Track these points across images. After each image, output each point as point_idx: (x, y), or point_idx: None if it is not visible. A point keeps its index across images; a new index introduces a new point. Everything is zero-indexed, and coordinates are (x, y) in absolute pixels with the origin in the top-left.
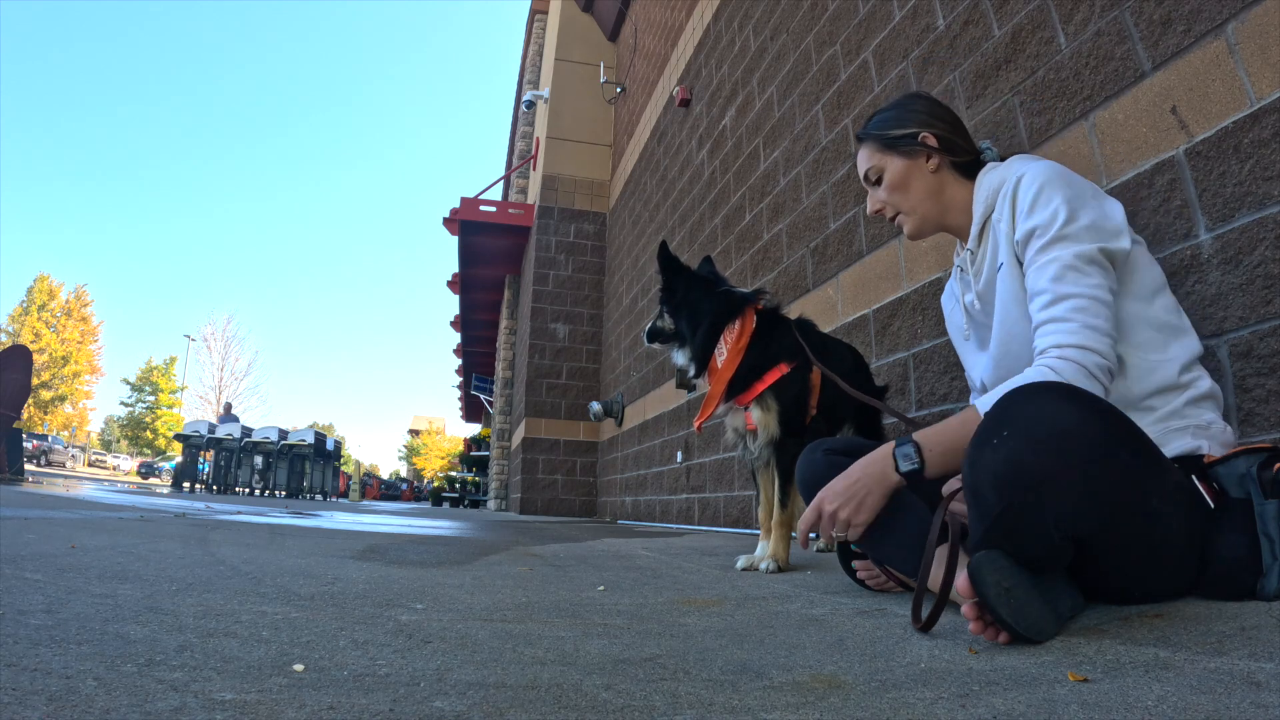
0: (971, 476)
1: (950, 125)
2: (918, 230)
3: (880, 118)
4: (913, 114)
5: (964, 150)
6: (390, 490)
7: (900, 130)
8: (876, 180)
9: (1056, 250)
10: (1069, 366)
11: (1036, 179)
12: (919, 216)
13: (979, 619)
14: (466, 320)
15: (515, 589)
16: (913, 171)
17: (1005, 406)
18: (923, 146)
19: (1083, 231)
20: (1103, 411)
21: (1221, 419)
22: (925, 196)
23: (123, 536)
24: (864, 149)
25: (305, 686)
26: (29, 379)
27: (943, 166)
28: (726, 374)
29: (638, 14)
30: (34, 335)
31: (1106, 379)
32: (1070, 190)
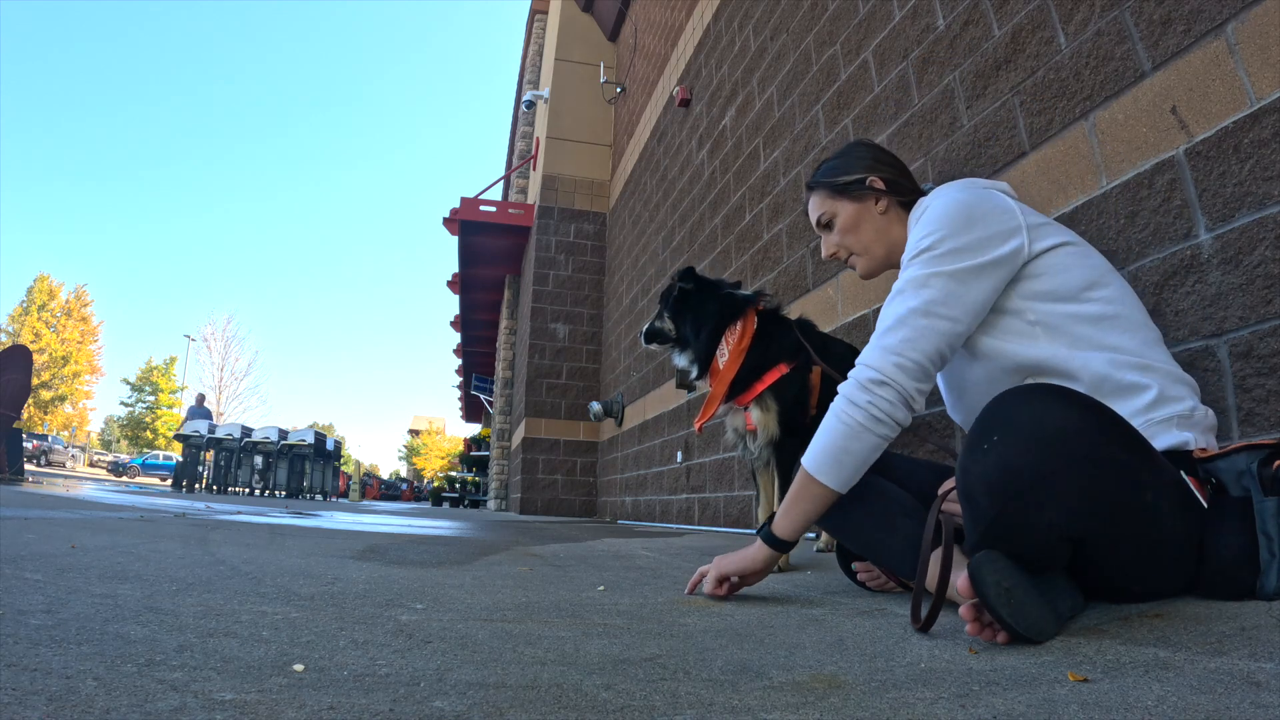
0: (964, 482)
1: (894, 168)
2: (869, 270)
3: (828, 166)
4: (859, 160)
5: (909, 190)
6: (390, 490)
7: (848, 176)
8: (828, 225)
9: (901, 275)
10: (848, 383)
11: (929, 209)
12: (870, 257)
13: (976, 619)
14: (466, 320)
15: (515, 589)
16: (863, 214)
17: (995, 411)
18: (871, 190)
19: (931, 259)
20: (1091, 409)
21: (1201, 404)
22: (876, 237)
23: (123, 536)
24: (814, 196)
25: (305, 686)
26: (29, 379)
27: (890, 207)
28: (728, 375)
29: (638, 14)
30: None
31: (875, 388)
32: (951, 215)
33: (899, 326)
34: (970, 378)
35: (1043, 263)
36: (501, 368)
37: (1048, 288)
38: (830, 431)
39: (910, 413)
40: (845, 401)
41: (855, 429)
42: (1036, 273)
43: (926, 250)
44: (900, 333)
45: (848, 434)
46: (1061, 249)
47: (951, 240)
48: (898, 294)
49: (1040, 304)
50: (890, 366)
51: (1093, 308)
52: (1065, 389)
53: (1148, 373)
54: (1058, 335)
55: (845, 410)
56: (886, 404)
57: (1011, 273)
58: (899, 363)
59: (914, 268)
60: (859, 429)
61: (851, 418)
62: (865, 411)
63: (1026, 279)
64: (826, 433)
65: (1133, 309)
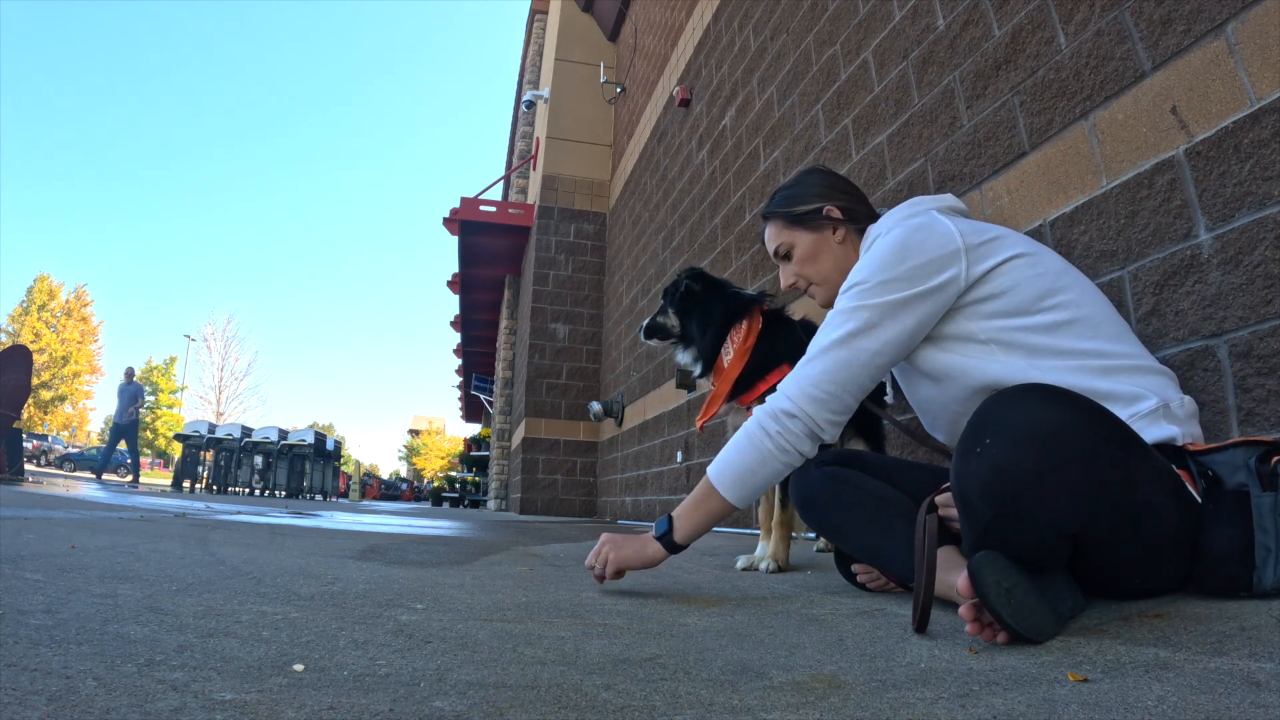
0: (959, 486)
1: (850, 195)
2: (829, 299)
3: (783, 195)
4: (813, 189)
5: (865, 216)
6: (390, 490)
7: (804, 206)
8: (786, 255)
9: (837, 303)
10: (764, 408)
11: (872, 248)
12: (829, 286)
13: (976, 620)
14: (466, 320)
15: (515, 589)
16: (820, 244)
17: (987, 413)
18: (827, 219)
19: (860, 293)
20: (1082, 406)
21: (1178, 392)
22: (834, 266)
23: (123, 536)
24: (771, 226)
25: (305, 686)
26: (29, 379)
27: (847, 236)
28: (733, 374)
29: (638, 14)
30: (34, 335)
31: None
32: (885, 252)
33: (819, 357)
34: (936, 400)
35: (990, 284)
36: (501, 368)
37: (999, 307)
38: (740, 451)
39: (816, 444)
40: (758, 427)
41: (765, 455)
42: (983, 295)
43: (857, 284)
44: (819, 364)
45: (757, 458)
46: (1010, 263)
47: (880, 274)
48: (824, 326)
49: (992, 322)
50: (803, 398)
51: (1048, 317)
52: (1055, 388)
53: (1114, 374)
54: (1014, 349)
55: (757, 435)
56: (794, 436)
57: (947, 301)
58: (813, 395)
59: (843, 300)
60: (768, 455)
61: (762, 444)
62: (775, 441)
63: (975, 302)
64: (737, 451)
65: (1094, 308)
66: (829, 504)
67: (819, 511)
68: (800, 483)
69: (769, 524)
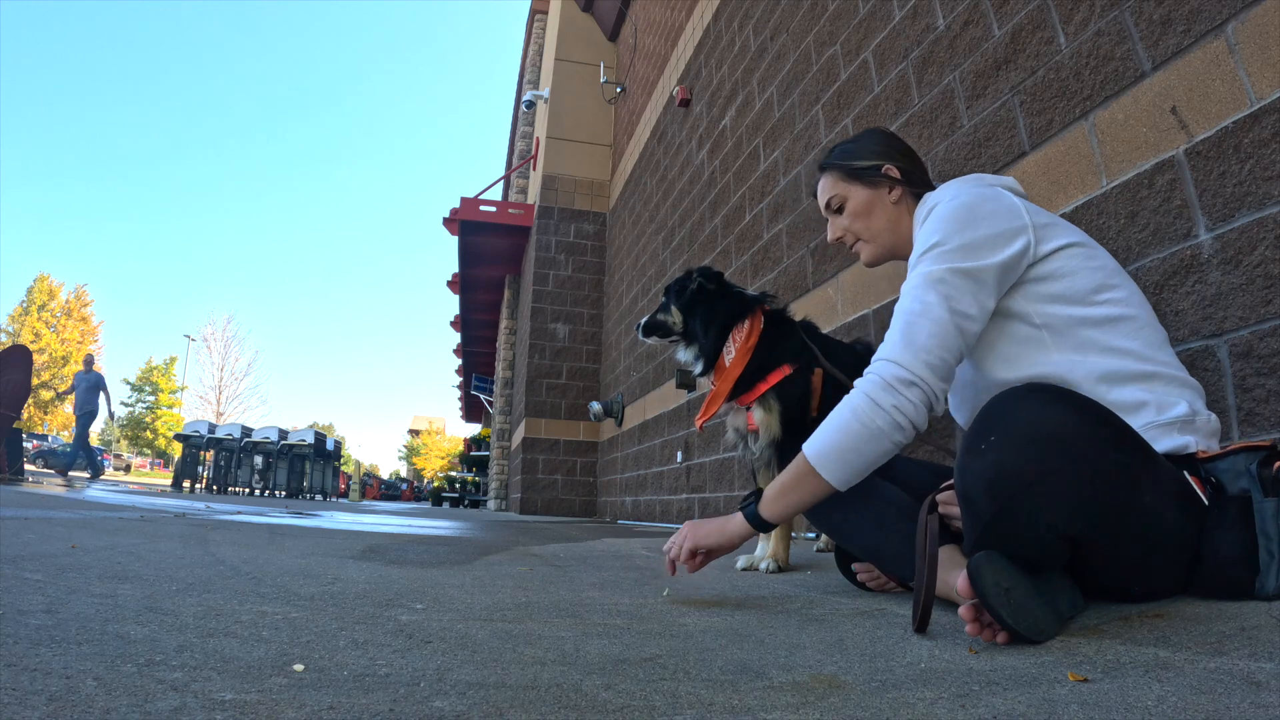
0: (962, 483)
1: (909, 158)
2: (875, 258)
3: (842, 149)
4: (874, 146)
5: (921, 183)
6: (390, 490)
7: (864, 162)
8: (839, 209)
9: (911, 274)
10: (868, 380)
11: (937, 208)
12: (878, 245)
13: (976, 620)
14: (466, 320)
15: (515, 589)
16: (874, 201)
17: (993, 411)
18: (886, 178)
19: (942, 255)
20: (1088, 409)
21: (1205, 408)
22: (885, 226)
23: (123, 536)
24: (826, 178)
25: (305, 686)
26: (29, 379)
27: (903, 198)
28: (734, 372)
29: (638, 14)
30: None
31: (907, 391)
32: (956, 214)
33: (923, 320)
34: (970, 383)
35: (1049, 265)
36: (501, 368)
37: (1056, 290)
38: (844, 430)
39: (927, 419)
40: (866, 400)
41: (874, 432)
42: (1043, 275)
43: (936, 246)
44: (926, 327)
45: (864, 435)
46: (1069, 249)
47: (958, 236)
48: (916, 289)
49: (1048, 306)
50: (920, 364)
51: (1100, 310)
52: (1063, 389)
53: (1150, 381)
54: (1064, 339)
55: (866, 410)
56: (911, 408)
57: (1016, 275)
58: (928, 361)
59: (926, 263)
60: (877, 433)
61: (872, 420)
62: (889, 416)
63: (1033, 281)
64: (839, 430)
65: (1141, 310)
66: (829, 500)
67: (819, 507)
68: None
69: None
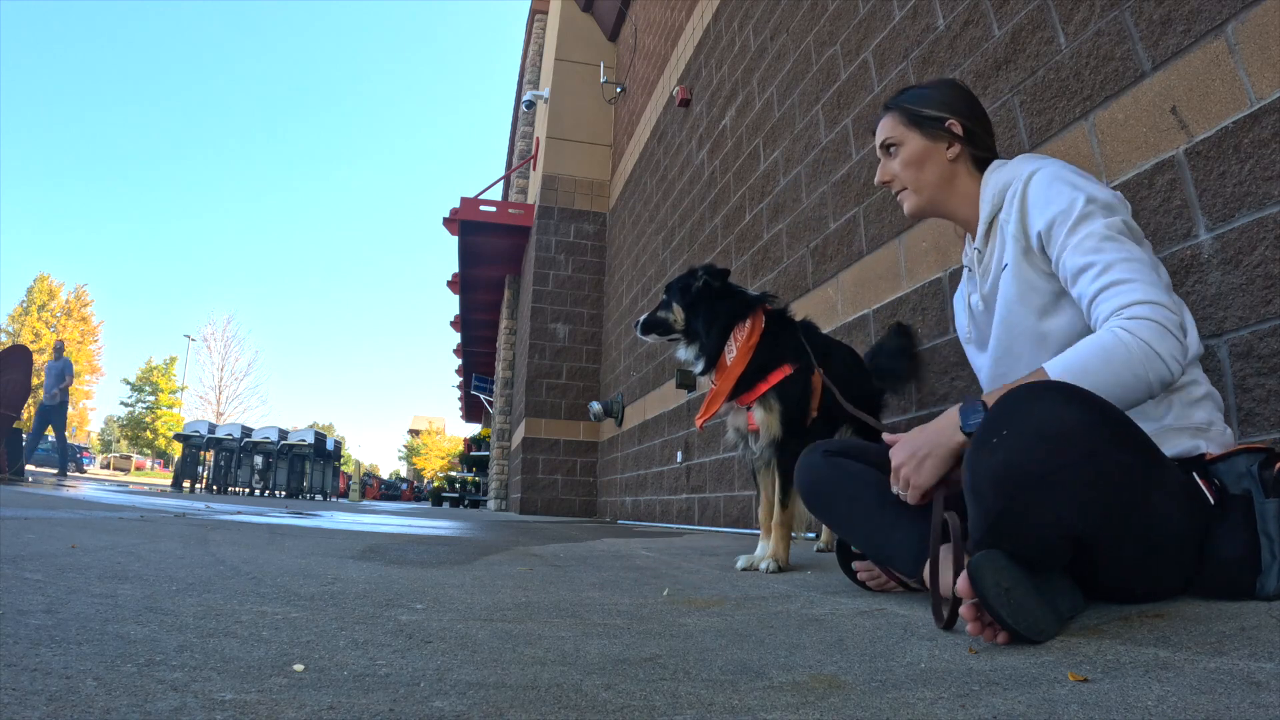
0: (971, 476)
1: (977, 119)
2: (918, 210)
3: (913, 93)
4: (944, 97)
5: (984, 145)
6: (390, 490)
7: (930, 110)
8: (892, 151)
9: (1086, 226)
10: (1143, 325)
11: (1044, 176)
12: (924, 198)
13: (977, 619)
14: (466, 320)
15: (515, 589)
16: (931, 153)
17: (1004, 407)
18: (947, 132)
19: (1104, 210)
20: (1102, 411)
21: (1222, 420)
22: (936, 181)
23: (123, 536)
24: (888, 118)
25: (305, 686)
26: (29, 379)
27: (961, 157)
28: (736, 371)
29: (638, 14)
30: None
31: (1181, 335)
32: (1082, 179)
33: (1141, 266)
34: (1027, 356)
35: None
36: (501, 368)
37: None
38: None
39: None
40: (1145, 347)
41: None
42: None
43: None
44: (1147, 273)
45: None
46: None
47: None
48: (1111, 239)
49: None
50: (1173, 303)
51: None
52: (1074, 388)
53: (1179, 390)
54: None
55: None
56: (1181, 350)
57: None
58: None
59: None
60: (1145, 385)
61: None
62: (1165, 366)
63: None
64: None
65: (1190, 318)
66: (833, 492)
67: (823, 500)
68: (805, 468)
69: (769, 524)
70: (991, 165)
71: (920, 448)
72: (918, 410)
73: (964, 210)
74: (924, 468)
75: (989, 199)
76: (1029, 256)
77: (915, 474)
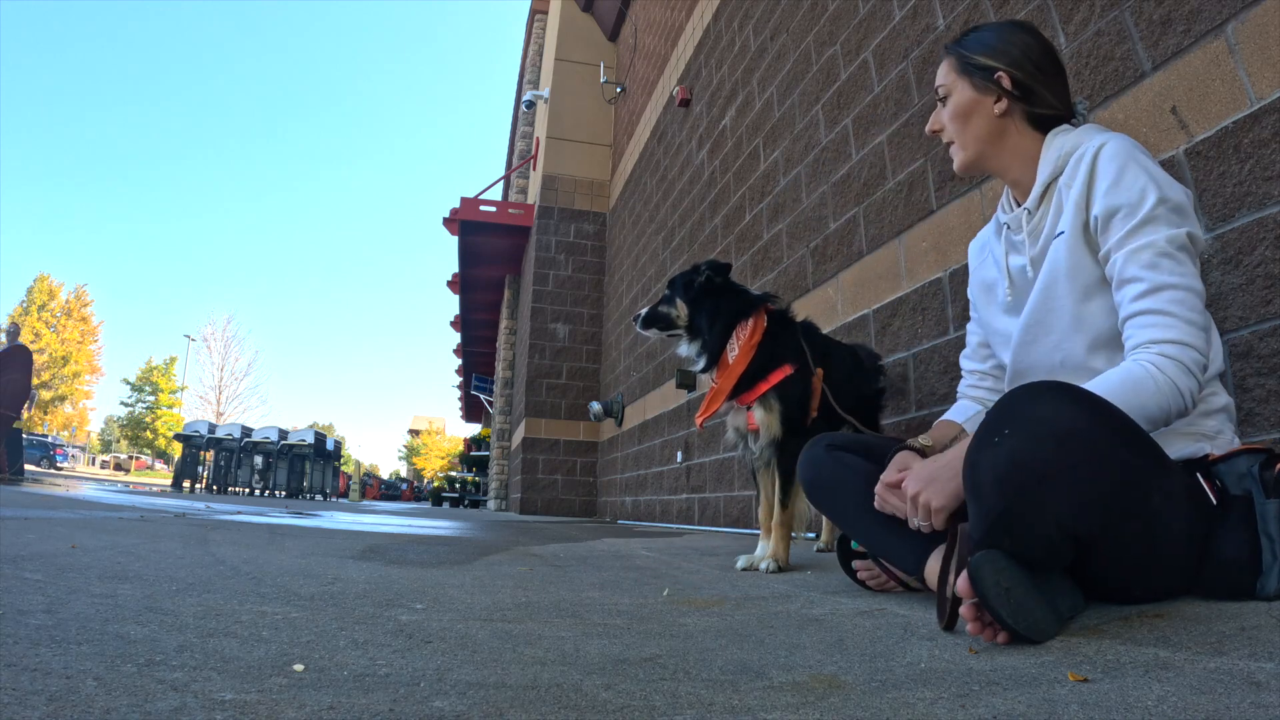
0: (972, 476)
1: (1042, 72)
2: (963, 165)
3: (975, 37)
4: (1005, 47)
5: (1047, 103)
6: (390, 490)
7: (983, 59)
8: (944, 99)
9: (1148, 234)
10: (1172, 365)
11: (1120, 152)
12: (971, 154)
13: (977, 619)
14: (466, 320)
15: (515, 589)
16: (978, 106)
17: (1007, 406)
18: (995, 86)
19: (1173, 214)
20: (1104, 412)
21: (1232, 431)
22: (983, 137)
23: (123, 536)
24: (945, 61)
25: (305, 686)
26: (29, 379)
27: (1012, 112)
28: (738, 369)
29: (638, 14)
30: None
31: (1201, 375)
32: (1155, 169)
33: (1191, 296)
34: (1058, 333)
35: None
36: (501, 368)
37: None
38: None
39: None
40: (1171, 385)
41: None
42: None
43: (1164, 202)
44: (1195, 304)
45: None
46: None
47: (1172, 193)
48: (1169, 253)
49: None
50: (1203, 345)
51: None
52: (1079, 389)
53: (1210, 391)
54: None
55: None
56: (1198, 387)
57: None
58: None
59: (1165, 223)
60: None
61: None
62: (1183, 400)
63: None
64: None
65: (1214, 329)
66: (835, 486)
67: (825, 494)
68: (808, 461)
69: (769, 524)
70: (1059, 128)
71: (939, 471)
72: (917, 410)
73: (1016, 169)
74: (946, 488)
75: (1050, 161)
76: (1085, 233)
77: (936, 495)
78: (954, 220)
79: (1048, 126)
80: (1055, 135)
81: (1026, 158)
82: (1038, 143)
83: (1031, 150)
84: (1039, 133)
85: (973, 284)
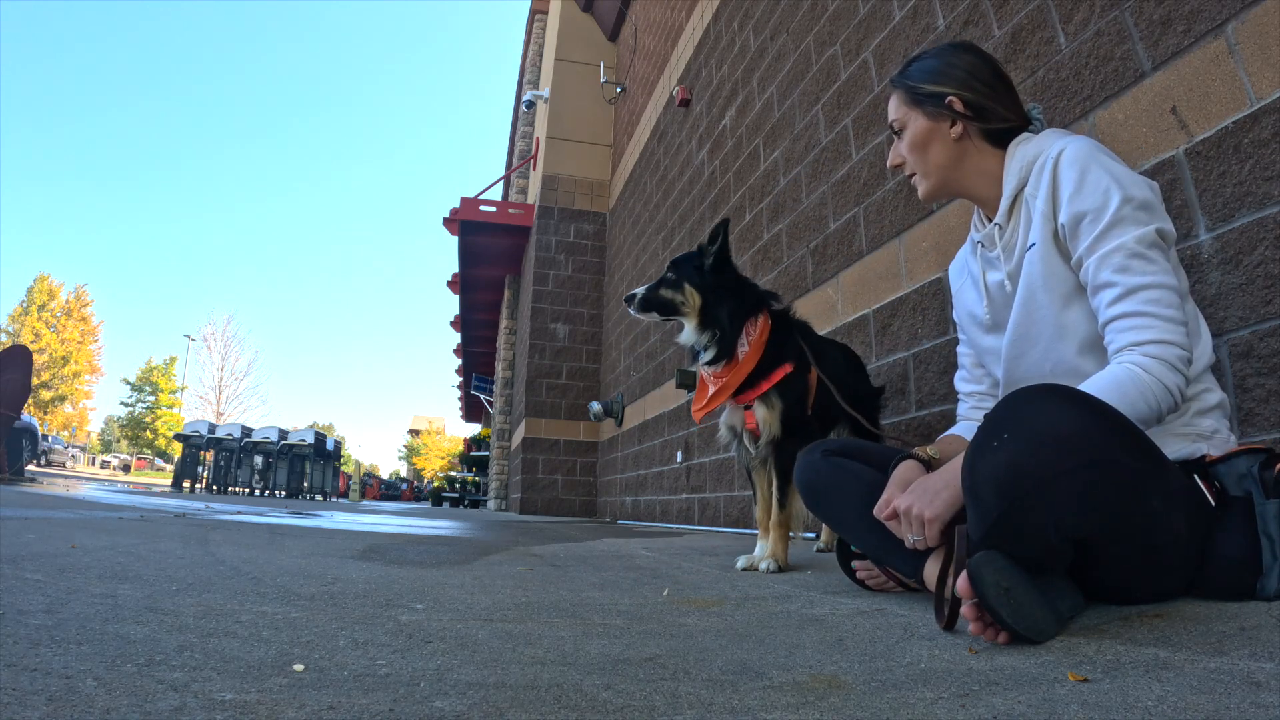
0: (971, 478)
1: (990, 88)
2: (931, 194)
3: (918, 66)
4: (950, 70)
5: (1000, 117)
6: (390, 490)
7: (930, 87)
8: (899, 132)
9: (1116, 236)
10: (1156, 364)
11: (1079, 156)
12: (934, 182)
13: (978, 619)
14: (466, 320)
15: (515, 589)
16: (934, 134)
17: (1005, 410)
18: (948, 110)
19: (1139, 212)
20: (1103, 413)
21: (1228, 429)
22: (945, 163)
23: (123, 536)
24: (894, 96)
25: (305, 686)
26: (29, 379)
27: (968, 134)
28: (748, 367)
29: (638, 14)
30: (34, 335)
31: (1186, 369)
32: (1117, 168)
33: (1167, 293)
34: (1044, 343)
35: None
36: (501, 368)
37: None
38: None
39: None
40: (1158, 383)
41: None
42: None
43: (1129, 201)
44: (1174, 300)
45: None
46: (1172, 248)
47: (1138, 191)
48: (1140, 252)
49: None
50: (1186, 340)
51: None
52: (1077, 391)
53: (1190, 399)
54: None
55: (1163, 397)
56: (1185, 384)
57: None
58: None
59: (1133, 223)
60: (1152, 418)
61: (1158, 406)
62: (1171, 399)
63: None
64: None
65: (1204, 325)
66: (832, 491)
67: (822, 499)
68: (805, 467)
69: (768, 524)
70: (1018, 138)
71: (934, 484)
72: (916, 410)
73: (981, 188)
74: (939, 499)
75: (1014, 173)
76: (1056, 241)
77: (929, 506)
78: (954, 220)
79: (1006, 140)
80: (1016, 146)
81: (990, 175)
82: (998, 158)
83: (993, 167)
84: (998, 148)
85: (957, 306)
